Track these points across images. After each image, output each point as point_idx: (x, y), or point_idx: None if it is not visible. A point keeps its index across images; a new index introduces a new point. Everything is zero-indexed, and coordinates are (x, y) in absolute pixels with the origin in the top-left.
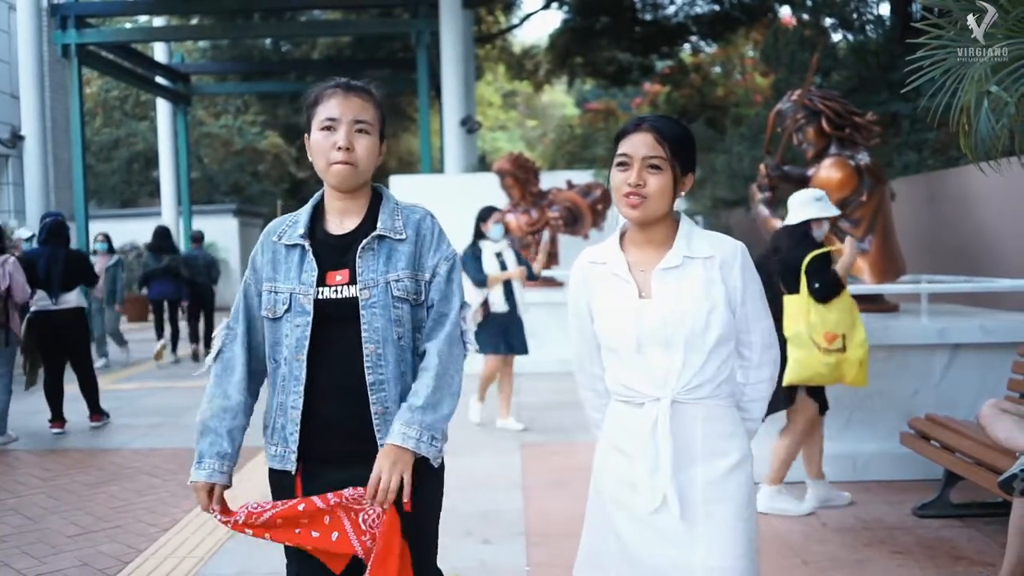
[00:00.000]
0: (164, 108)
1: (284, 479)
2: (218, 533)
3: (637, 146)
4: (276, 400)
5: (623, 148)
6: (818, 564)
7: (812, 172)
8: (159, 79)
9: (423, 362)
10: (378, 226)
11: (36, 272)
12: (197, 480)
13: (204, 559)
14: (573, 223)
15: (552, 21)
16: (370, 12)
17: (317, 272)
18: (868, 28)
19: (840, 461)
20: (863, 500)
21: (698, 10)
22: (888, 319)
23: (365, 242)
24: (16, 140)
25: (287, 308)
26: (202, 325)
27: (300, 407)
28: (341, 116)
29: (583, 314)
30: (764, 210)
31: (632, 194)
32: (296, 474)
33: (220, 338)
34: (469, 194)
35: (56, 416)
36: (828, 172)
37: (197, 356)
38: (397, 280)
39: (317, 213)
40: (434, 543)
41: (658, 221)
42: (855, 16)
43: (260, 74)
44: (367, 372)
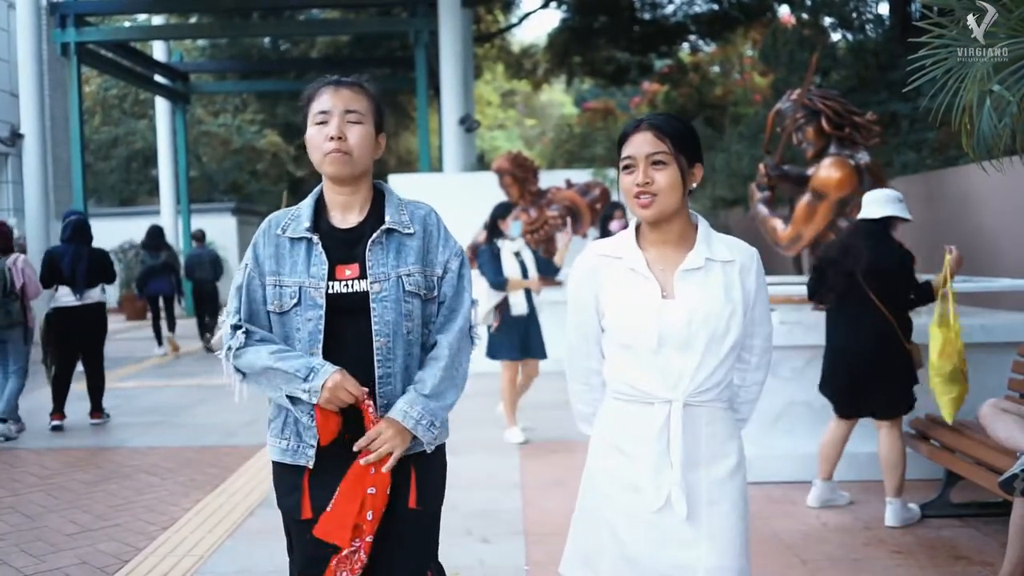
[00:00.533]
0: (163, 107)
1: (293, 472)
2: (218, 531)
3: (639, 146)
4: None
5: (626, 151)
6: (817, 563)
7: (812, 171)
8: (158, 78)
9: (432, 352)
10: (387, 220)
11: (61, 269)
12: (328, 377)
13: (203, 557)
14: (572, 222)
15: (551, 20)
16: (369, 11)
17: (328, 265)
18: (867, 28)
19: (840, 460)
20: (863, 500)
21: (697, 9)
22: None
23: (375, 236)
24: (15, 138)
25: (296, 302)
26: (208, 320)
27: (314, 401)
28: (332, 108)
29: (586, 307)
30: (763, 209)
31: (641, 193)
32: (308, 469)
33: (228, 338)
34: (468, 193)
35: (58, 408)
36: (828, 171)
37: (211, 349)
38: (408, 275)
39: (319, 207)
40: (435, 536)
41: (673, 218)
42: (854, 16)
43: (259, 73)
44: (377, 366)
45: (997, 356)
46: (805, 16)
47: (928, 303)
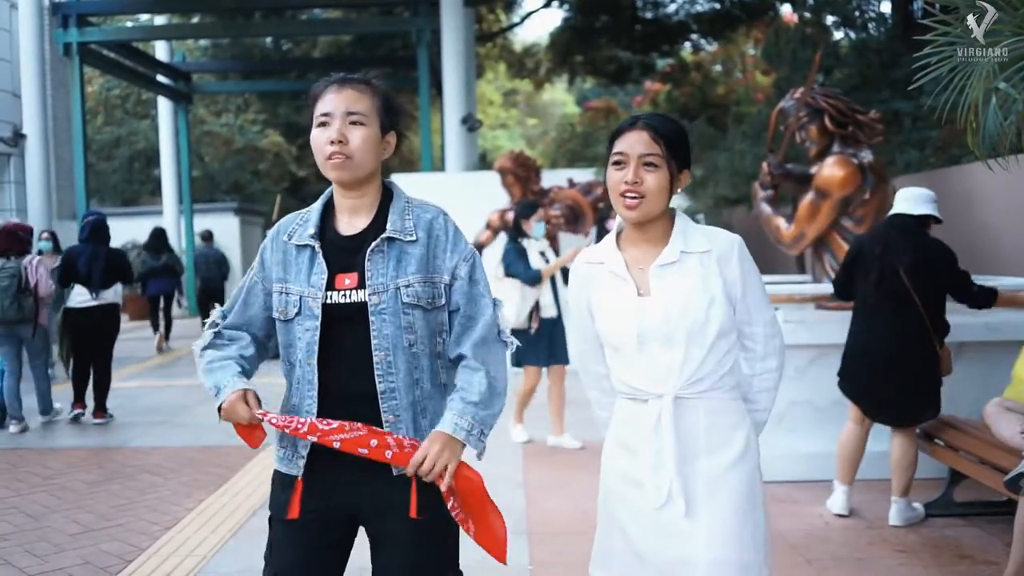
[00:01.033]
0: (165, 107)
1: (287, 482)
2: (220, 531)
3: (633, 144)
4: (291, 403)
5: (619, 147)
6: (821, 563)
7: (815, 170)
8: (160, 78)
9: (465, 362)
10: (387, 227)
11: (78, 268)
12: (224, 399)
13: (206, 557)
14: (574, 221)
15: (552, 19)
16: (371, 10)
17: (327, 275)
18: (870, 26)
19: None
20: (867, 499)
21: (698, 8)
22: None
23: (374, 244)
24: (18, 139)
25: (297, 311)
26: None
27: (315, 412)
28: (334, 110)
29: (584, 314)
30: (766, 208)
31: (629, 192)
32: (299, 478)
33: (208, 337)
34: (470, 192)
35: (79, 398)
36: (831, 170)
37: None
38: (407, 286)
39: (327, 211)
40: (448, 545)
41: (655, 219)
42: (857, 14)
43: (261, 73)
44: (378, 380)
45: (1001, 354)
46: (807, 15)
47: (991, 307)
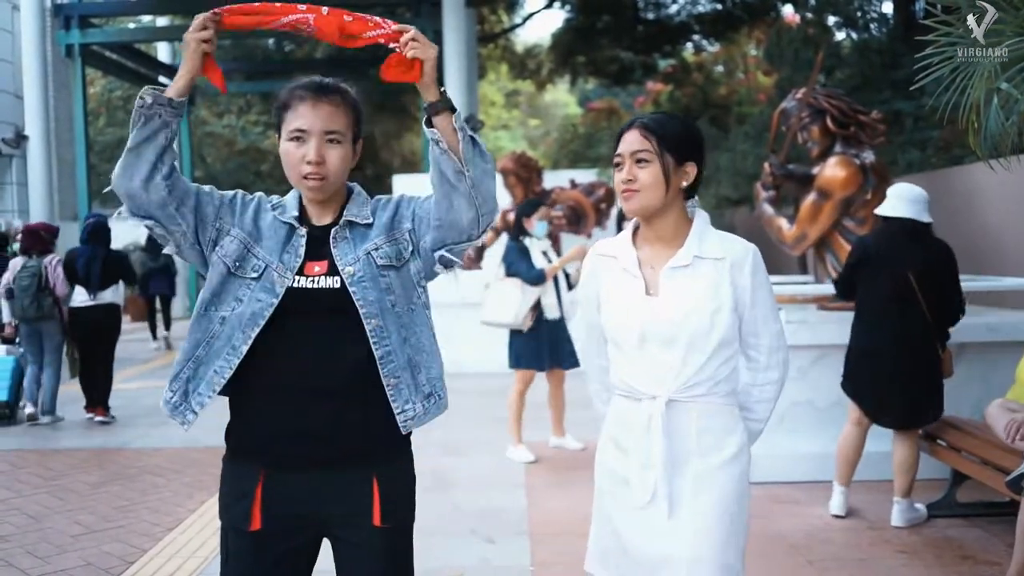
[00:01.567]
0: None
1: (244, 476)
2: None
3: (628, 143)
4: (195, 352)
5: (618, 149)
6: (823, 563)
7: (817, 170)
8: (162, 79)
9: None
10: (344, 215)
11: (76, 269)
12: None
13: (208, 559)
14: (577, 222)
15: (554, 20)
16: (373, 11)
17: (303, 259)
18: (872, 26)
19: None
20: (868, 499)
21: (700, 9)
22: None
23: (335, 231)
24: (20, 140)
25: (256, 276)
26: None
27: (225, 378)
28: (311, 128)
29: (592, 306)
30: (768, 208)
31: (626, 189)
32: (259, 479)
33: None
34: None
35: (91, 402)
36: (833, 171)
37: None
38: (376, 248)
39: (301, 203)
40: (408, 557)
41: (663, 216)
42: (859, 14)
43: (263, 74)
44: (374, 347)
45: (1003, 355)
46: (809, 15)
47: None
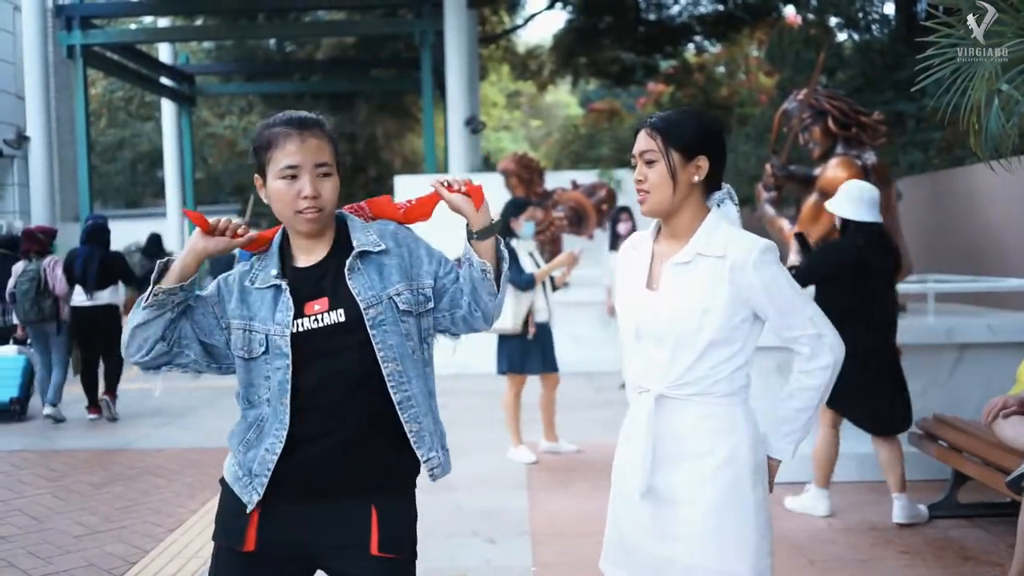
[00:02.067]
0: (169, 109)
1: (241, 508)
2: None
3: (637, 144)
4: (245, 437)
5: (633, 149)
6: (825, 564)
7: (818, 171)
8: (164, 80)
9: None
10: (355, 244)
11: (74, 270)
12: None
13: (210, 560)
14: (578, 223)
15: (556, 21)
16: (374, 12)
17: (294, 311)
18: (873, 27)
19: (846, 461)
20: (870, 500)
21: (702, 10)
22: None
23: (350, 262)
24: (21, 141)
25: (264, 350)
26: None
27: (277, 453)
28: (303, 163)
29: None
30: (769, 209)
31: (639, 190)
32: (249, 524)
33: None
34: None
35: (92, 403)
36: (834, 172)
37: None
38: (398, 294)
39: (283, 252)
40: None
41: (678, 212)
42: (860, 15)
43: (264, 75)
44: (393, 392)
45: (1005, 356)
46: (811, 16)
47: None
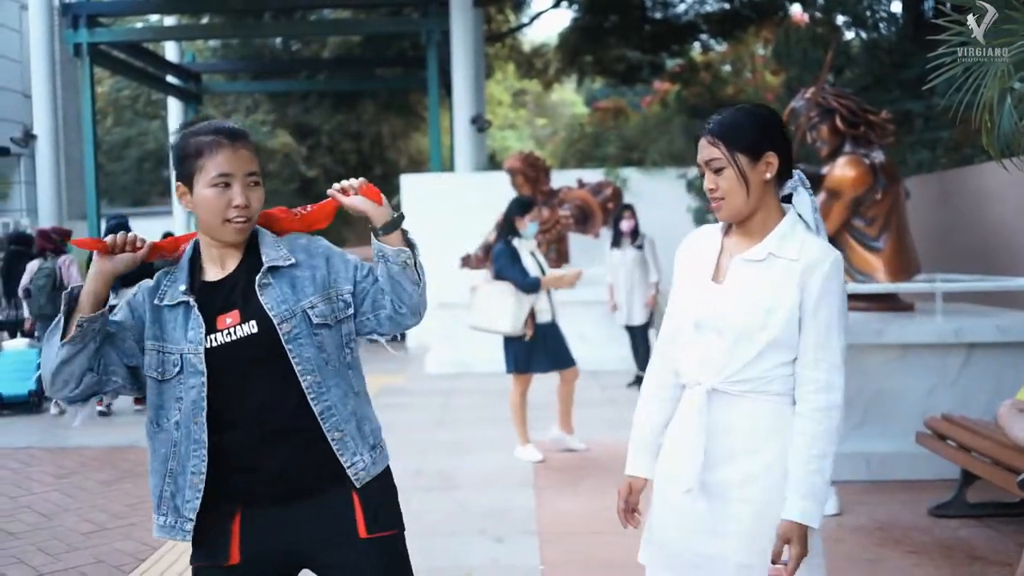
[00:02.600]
0: (175, 107)
1: (221, 518)
2: None
3: (701, 152)
4: (167, 466)
5: (698, 158)
6: (833, 563)
7: (826, 170)
8: (170, 78)
9: None
10: (265, 259)
11: None
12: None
13: None
14: (584, 222)
15: (561, 20)
16: (380, 11)
17: (204, 327)
18: (881, 26)
19: (855, 460)
20: (878, 500)
21: (708, 8)
22: (903, 318)
23: (259, 278)
24: (28, 139)
25: (179, 369)
26: None
27: (203, 472)
28: (235, 171)
29: (675, 283)
30: None
31: (712, 198)
32: (235, 515)
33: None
34: (480, 193)
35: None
36: (842, 170)
37: None
38: (312, 307)
39: (193, 266)
40: (405, 564)
41: (753, 214)
42: (868, 13)
43: (270, 73)
44: (313, 403)
45: (1013, 355)
46: (818, 14)
47: None
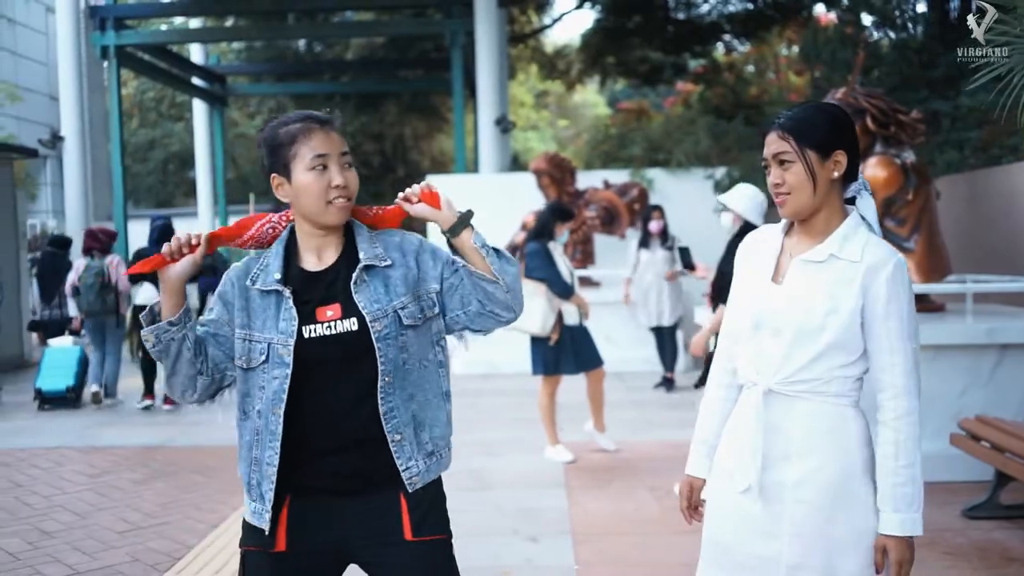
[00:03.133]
0: (200, 109)
1: (261, 533)
2: None
3: (768, 146)
4: (252, 454)
5: (764, 152)
6: None
7: None
8: (195, 80)
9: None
10: (362, 257)
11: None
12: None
13: None
14: (610, 223)
15: (584, 21)
16: (404, 12)
17: (297, 320)
18: (908, 25)
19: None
20: None
21: (731, 8)
22: (935, 319)
23: (355, 276)
24: (55, 141)
25: (265, 359)
26: None
27: (275, 464)
28: (330, 152)
29: (735, 282)
30: None
31: (777, 192)
32: (284, 503)
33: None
34: (505, 194)
35: (148, 390)
36: (873, 171)
37: None
38: (403, 308)
39: (288, 252)
40: (452, 571)
41: (815, 213)
42: (897, 13)
43: (294, 75)
44: (381, 403)
45: None
46: (845, 14)
47: None
